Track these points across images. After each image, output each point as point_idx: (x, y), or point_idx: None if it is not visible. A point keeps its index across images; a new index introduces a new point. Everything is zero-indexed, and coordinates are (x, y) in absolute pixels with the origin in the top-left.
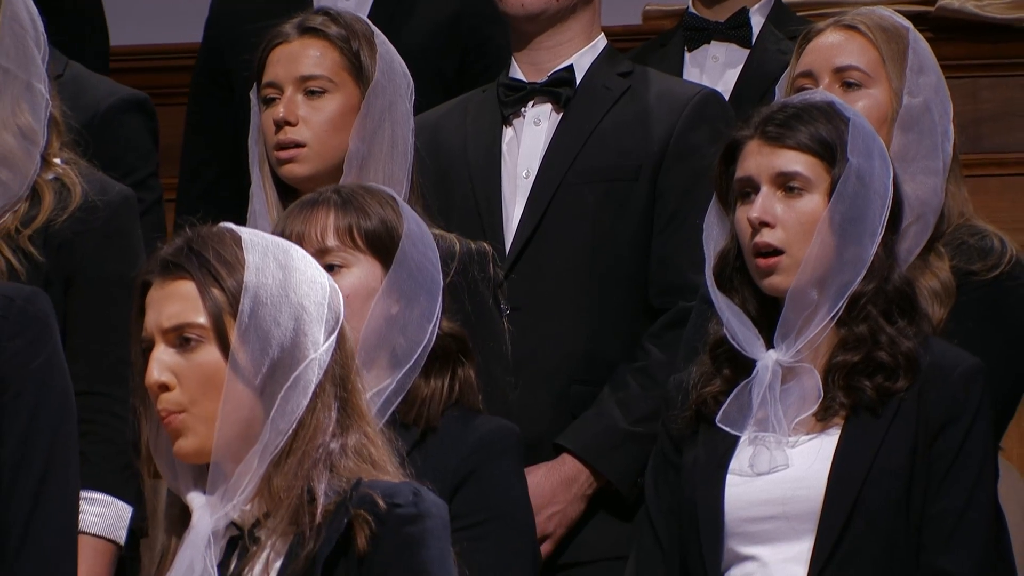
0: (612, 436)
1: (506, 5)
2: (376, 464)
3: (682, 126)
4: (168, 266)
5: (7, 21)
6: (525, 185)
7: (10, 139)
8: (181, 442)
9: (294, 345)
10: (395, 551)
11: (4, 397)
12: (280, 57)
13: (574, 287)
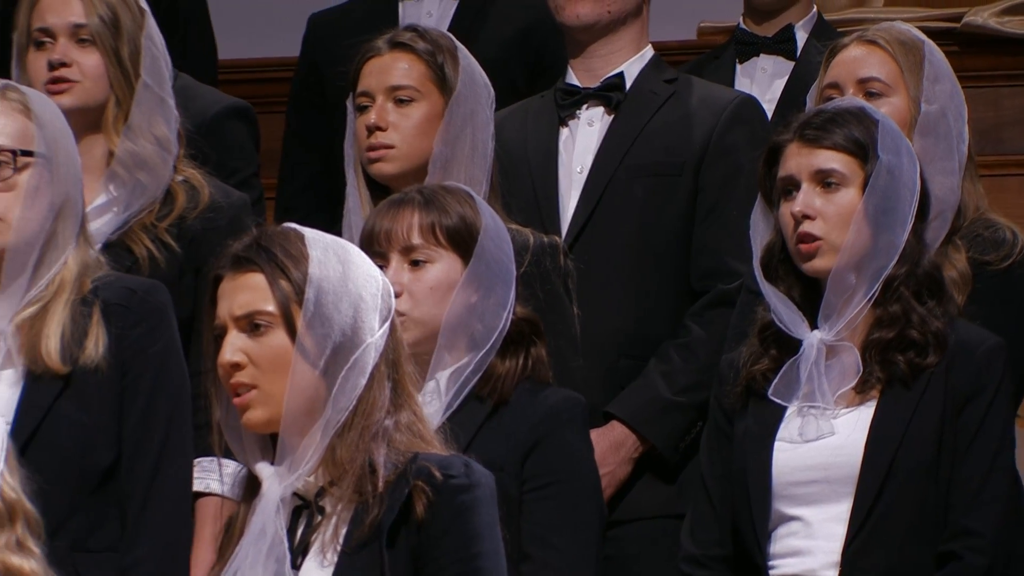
0: (657, 405)
1: (563, 16)
2: (425, 439)
3: (721, 127)
4: (239, 260)
5: (146, 41)
6: (579, 180)
7: (149, 147)
8: (250, 414)
9: (353, 331)
10: (450, 517)
11: (126, 379)
12: (372, 69)
13: (623, 271)
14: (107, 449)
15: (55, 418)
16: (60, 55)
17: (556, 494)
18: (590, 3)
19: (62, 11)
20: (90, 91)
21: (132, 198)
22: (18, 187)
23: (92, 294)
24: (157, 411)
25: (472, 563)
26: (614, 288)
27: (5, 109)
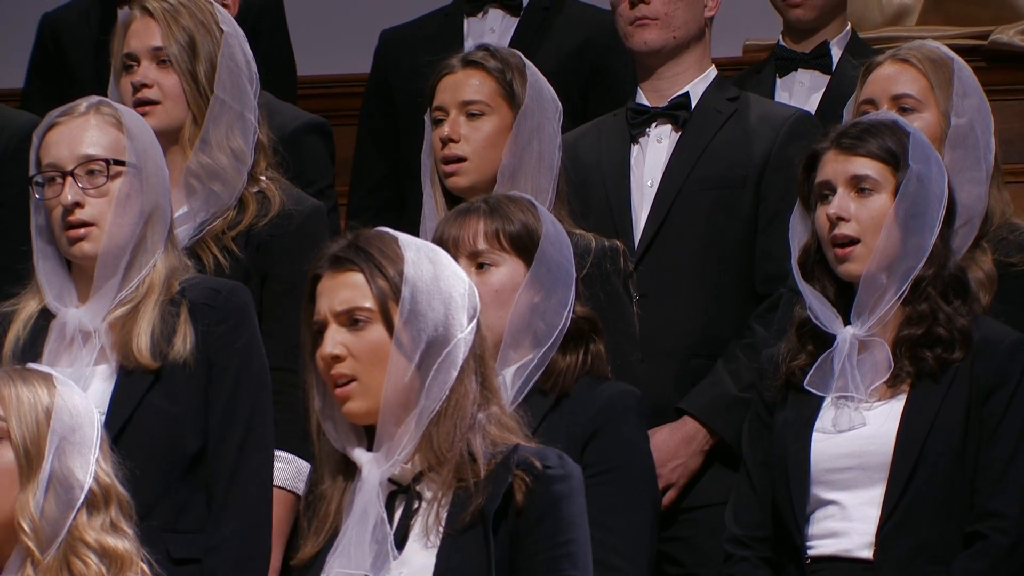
0: (725, 401)
1: (632, 43)
2: (511, 430)
3: (780, 142)
4: (339, 260)
5: (224, 60)
6: (650, 193)
7: (223, 159)
8: (351, 405)
9: (445, 327)
10: (546, 505)
11: (212, 372)
12: (447, 85)
13: (692, 277)
14: (194, 437)
15: (146, 409)
16: (141, 77)
17: (613, 480)
18: (656, 30)
19: (144, 37)
20: (171, 111)
21: (206, 207)
22: (110, 194)
23: (180, 294)
24: (240, 402)
25: (564, 548)
26: (684, 293)
27: (99, 123)
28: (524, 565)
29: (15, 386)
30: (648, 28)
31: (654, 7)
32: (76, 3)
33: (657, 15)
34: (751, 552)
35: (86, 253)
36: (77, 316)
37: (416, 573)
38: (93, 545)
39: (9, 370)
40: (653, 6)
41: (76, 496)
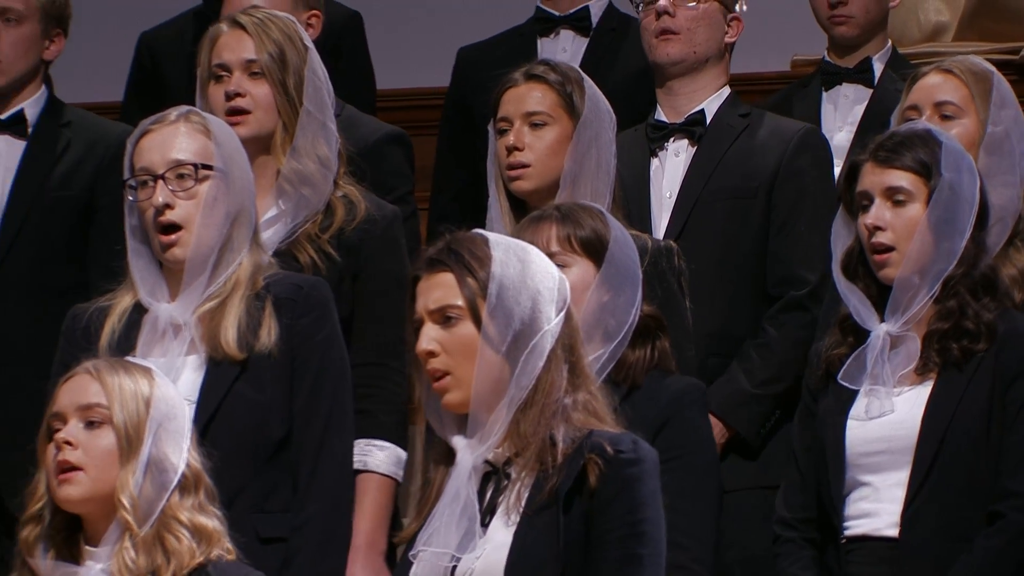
0: (740, 397)
1: (655, 55)
2: (599, 416)
3: (789, 154)
4: (433, 262)
5: (309, 74)
6: (668, 203)
7: (312, 165)
8: (448, 397)
9: (532, 320)
10: (618, 487)
11: (295, 363)
12: (511, 98)
13: (708, 281)
14: (279, 424)
15: (234, 397)
16: (235, 86)
17: (681, 467)
18: (679, 44)
19: (237, 48)
20: (262, 120)
21: (297, 210)
22: (198, 197)
23: (264, 290)
24: (322, 390)
25: (636, 527)
26: (701, 296)
27: (188, 130)
28: (597, 543)
29: (118, 376)
30: (671, 42)
31: (678, 22)
32: (172, 23)
33: (680, 29)
34: (797, 533)
35: (177, 258)
36: (168, 310)
37: (496, 550)
38: (185, 523)
39: (112, 361)
40: (677, 20)
41: (170, 478)
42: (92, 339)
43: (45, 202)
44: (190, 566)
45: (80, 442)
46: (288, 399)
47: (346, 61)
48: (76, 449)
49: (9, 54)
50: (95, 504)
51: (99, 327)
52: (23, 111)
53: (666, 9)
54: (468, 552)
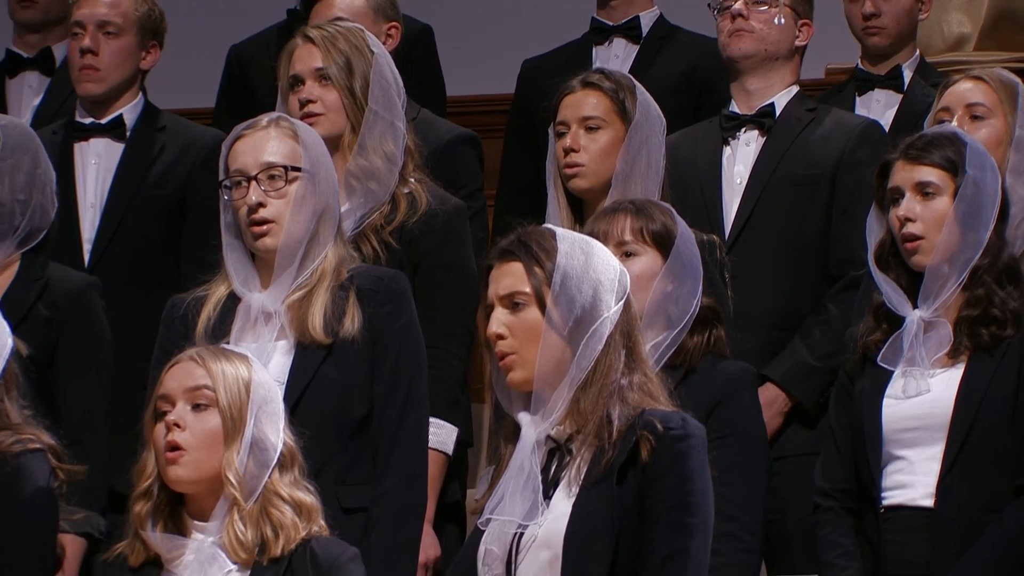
0: (802, 369)
1: (729, 51)
2: (653, 396)
3: (851, 146)
4: (504, 253)
5: (376, 77)
6: (739, 189)
7: (378, 161)
8: (512, 375)
9: (593, 307)
10: (668, 461)
11: (376, 348)
12: (568, 103)
13: (775, 261)
14: (361, 403)
15: (321, 379)
16: (307, 94)
17: (733, 444)
18: (750, 40)
19: (307, 60)
20: (332, 122)
21: (364, 203)
22: (288, 196)
23: (348, 281)
24: (401, 373)
25: (685, 498)
26: (768, 275)
27: (278, 135)
28: (650, 513)
29: (220, 362)
30: (744, 38)
31: (751, 24)
32: (258, 36)
33: (752, 29)
34: (835, 503)
35: (268, 247)
36: (260, 299)
37: (557, 519)
38: (286, 498)
39: (213, 348)
40: (751, 23)
41: (271, 457)
42: (190, 326)
43: (142, 200)
44: (296, 540)
45: (188, 424)
46: (369, 381)
47: (418, 70)
48: (184, 430)
49: (108, 64)
50: (203, 483)
51: (196, 315)
52: (122, 116)
53: (740, 12)
54: (532, 521)
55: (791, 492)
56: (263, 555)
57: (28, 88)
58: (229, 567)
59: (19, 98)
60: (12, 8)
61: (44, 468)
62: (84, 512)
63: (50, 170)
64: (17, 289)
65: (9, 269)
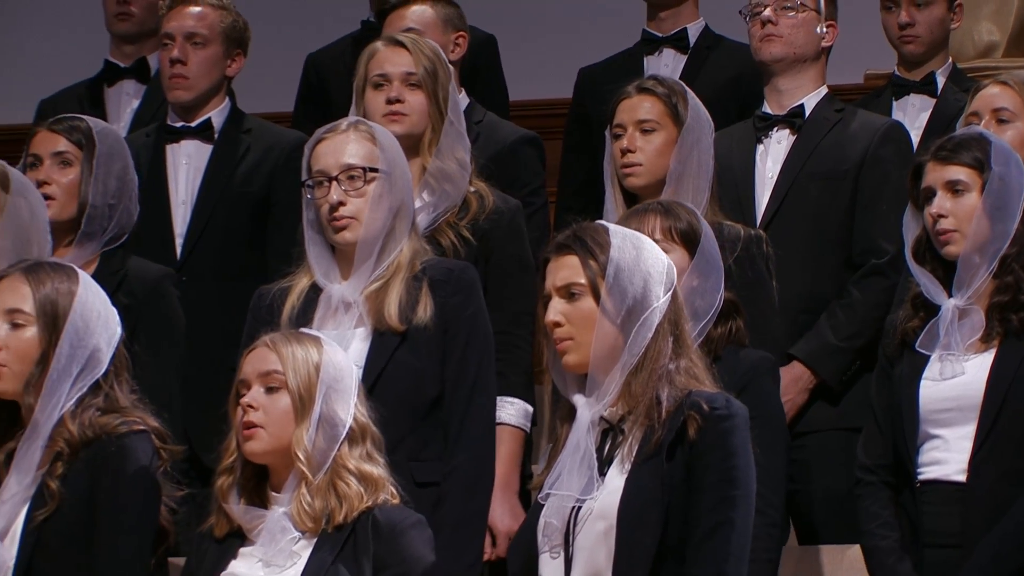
0: (826, 349)
1: (760, 55)
2: (698, 379)
3: (875, 144)
4: (561, 247)
5: (452, 91)
6: (770, 183)
7: (453, 166)
8: (568, 359)
9: (643, 297)
10: (713, 438)
11: (447, 335)
12: (625, 107)
13: (803, 249)
14: (433, 386)
15: (396, 363)
16: (395, 93)
17: (755, 426)
18: (780, 45)
19: (397, 62)
20: (415, 123)
21: (439, 202)
22: (367, 195)
23: (421, 272)
24: (470, 357)
25: (729, 472)
26: (796, 262)
27: (357, 137)
28: (697, 486)
29: (291, 346)
30: (773, 43)
31: (780, 28)
32: (334, 45)
33: (782, 34)
34: (876, 477)
35: (348, 241)
36: (340, 290)
37: (611, 493)
38: (353, 471)
39: (286, 333)
40: (779, 28)
41: (339, 432)
42: (275, 315)
43: (229, 197)
44: (359, 509)
45: (261, 404)
46: (440, 365)
47: (483, 77)
48: (258, 411)
49: (196, 72)
50: (276, 456)
51: (281, 304)
52: (210, 119)
53: (770, 19)
54: (589, 495)
55: (816, 463)
56: (329, 524)
57: (125, 95)
58: (296, 535)
59: (117, 105)
60: (109, 22)
61: (147, 448)
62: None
63: (135, 175)
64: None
65: (91, 263)
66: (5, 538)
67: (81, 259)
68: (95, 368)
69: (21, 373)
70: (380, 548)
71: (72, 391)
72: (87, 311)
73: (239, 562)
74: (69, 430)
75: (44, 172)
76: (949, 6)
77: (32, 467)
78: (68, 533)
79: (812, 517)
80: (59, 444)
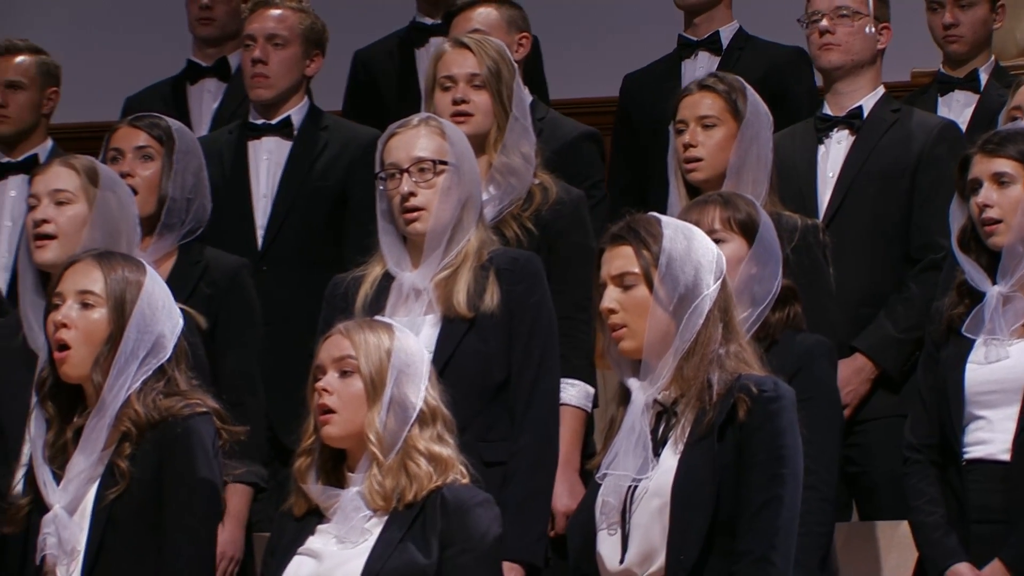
0: (887, 340)
1: (820, 63)
2: (748, 363)
3: (931, 143)
4: (615, 237)
5: (516, 88)
6: (831, 182)
7: (517, 160)
8: (623, 345)
9: (694, 286)
10: (762, 419)
11: (512, 321)
12: (687, 104)
13: (863, 246)
14: (500, 370)
15: (464, 348)
16: (461, 94)
17: (810, 406)
18: (838, 52)
19: (462, 64)
20: (480, 122)
21: (505, 195)
22: (436, 187)
23: (488, 261)
24: (534, 343)
25: (777, 451)
26: (857, 257)
27: (428, 132)
28: (747, 465)
29: (364, 333)
30: (832, 51)
31: (838, 36)
32: (381, 43)
33: (840, 42)
34: (923, 456)
35: (418, 231)
36: (411, 278)
37: (665, 473)
38: (423, 452)
39: (359, 320)
40: (837, 36)
41: (410, 415)
42: (349, 302)
43: (307, 191)
44: (428, 488)
45: (335, 389)
46: (507, 350)
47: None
48: (332, 395)
49: (276, 72)
50: (351, 439)
51: (355, 292)
52: (290, 117)
53: (827, 28)
54: (644, 475)
55: (878, 448)
56: (399, 502)
57: (207, 93)
58: (368, 513)
59: (199, 103)
60: (192, 25)
61: (210, 429)
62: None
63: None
64: (181, 271)
65: (170, 255)
66: (74, 514)
67: (161, 250)
68: (159, 353)
69: (89, 353)
70: (448, 525)
71: (138, 373)
72: (153, 300)
73: (316, 538)
74: (135, 411)
75: (127, 165)
76: (991, 7)
77: (99, 446)
78: (137, 511)
79: (874, 497)
80: (125, 424)
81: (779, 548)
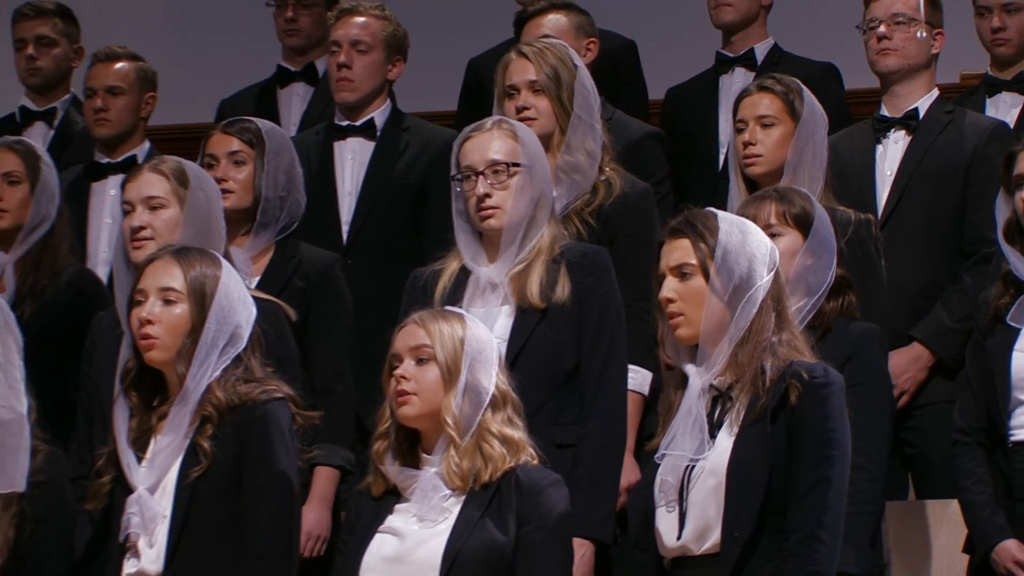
0: (942, 330)
1: (877, 67)
2: (799, 351)
3: (983, 143)
4: (673, 231)
5: (578, 86)
6: (889, 179)
7: (582, 157)
8: (680, 332)
9: (748, 277)
10: (812, 403)
11: (582, 311)
12: (746, 104)
13: (919, 241)
14: (570, 357)
15: (537, 337)
16: (522, 101)
17: (861, 391)
18: (895, 57)
19: (522, 72)
20: (543, 125)
21: (569, 192)
22: (510, 187)
23: (560, 255)
24: (603, 332)
25: (826, 434)
26: (913, 251)
27: (501, 135)
28: (797, 447)
29: (438, 323)
30: (889, 56)
31: (895, 42)
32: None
33: (896, 47)
34: (971, 439)
35: (493, 228)
36: (487, 272)
37: (720, 454)
38: (496, 434)
39: (435, 311)
40: (894, 41)
41: (483, 399)
42: (428, 294)
43: (389, 189)
44: (503, 469)
45: (413, 375)
46: (577, 338)
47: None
48: (410, 381)
49: (360, 76)
50: (427, 421)
51: (434, 285)
52: (373, 119)
53: (885, 34)
54: (701, 456)
55: (934, 432)
56: (476, 482)
57: (296, 96)
58: (447, 493)
59: (288, 105)
60: (280, 35)
61: (286, 413)
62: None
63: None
64: (276, 266)
65: (267, 251)
66: (155, 491)
67: (258, 247)
68: (237, 343)
69: (172, 345)
70: (522, 504)
71: (218, 362)
72: (229, 292)
73: (395, 517)
74: (216, 396)
75: (221, 170)
76: None
77: (182, 429)
78: (219, 488)
79: (929, 477)
80: (207, 409)
81: (827, 526)
